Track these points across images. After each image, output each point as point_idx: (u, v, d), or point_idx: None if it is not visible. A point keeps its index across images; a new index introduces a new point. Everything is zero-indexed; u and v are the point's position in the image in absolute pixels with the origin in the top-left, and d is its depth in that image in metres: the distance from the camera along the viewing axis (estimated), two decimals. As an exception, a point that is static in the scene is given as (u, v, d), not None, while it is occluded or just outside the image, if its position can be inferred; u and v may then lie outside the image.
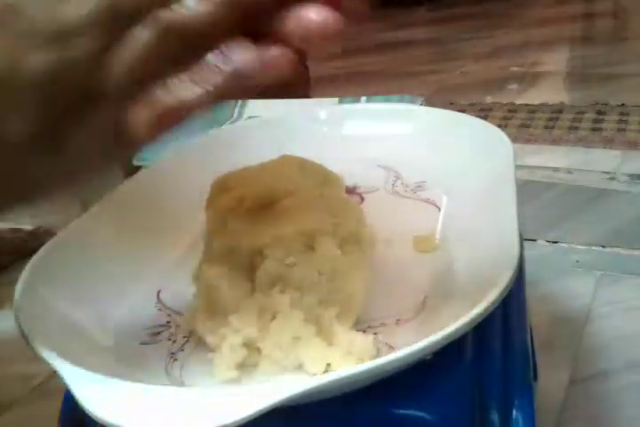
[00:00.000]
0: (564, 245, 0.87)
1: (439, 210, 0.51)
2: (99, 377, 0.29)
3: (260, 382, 0.36)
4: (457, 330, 0.30)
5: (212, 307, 0.39)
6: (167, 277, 0.45)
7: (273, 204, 0.43)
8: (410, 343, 0.29)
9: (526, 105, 1.22)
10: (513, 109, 1.20)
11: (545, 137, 1.03)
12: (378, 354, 0.36)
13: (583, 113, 1.15)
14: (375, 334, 0.38)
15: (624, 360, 0.67)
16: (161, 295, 0.43)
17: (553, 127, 1.08)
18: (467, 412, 0.34)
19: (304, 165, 0.48)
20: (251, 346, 0.37)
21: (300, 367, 0.36)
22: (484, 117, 1.12)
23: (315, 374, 0.35)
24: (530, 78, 1.47)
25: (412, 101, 0.99)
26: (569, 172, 0.89)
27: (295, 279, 0.38)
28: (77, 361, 0.30)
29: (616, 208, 0.84)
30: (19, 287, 0.37)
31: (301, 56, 0.26)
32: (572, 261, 0.86)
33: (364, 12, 0.27)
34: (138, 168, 0.52)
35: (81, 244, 0.43)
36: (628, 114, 1.12)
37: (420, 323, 0.38)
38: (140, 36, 0.25)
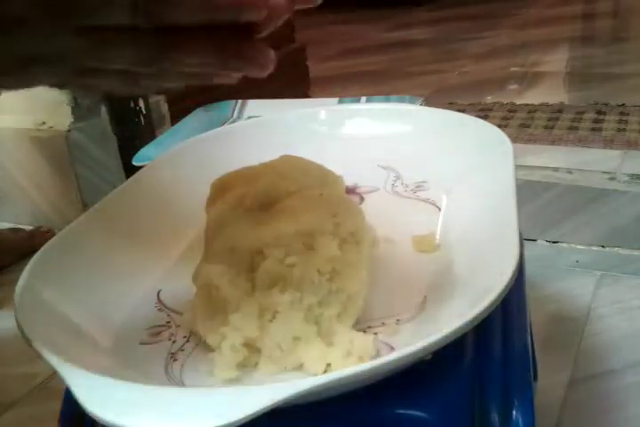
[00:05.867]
0: (564, 245, 0.87)
1: (439, 210, 0.51)
2: (99, 377, 0.29)
3: (260, 382, 0.36)
4: (457, 330, 0.30)
5: (212, 307, 0.39)
6: (167, 277, 0.45)
7: (273, 204, 0.43)
8: (410, 343, 0.29)
9: (526, 105, 1.22)
10: (513, 109, 1.20)
11: (545, 137, 1.03)
12: (378, 354, 0.36)
13: (583, 113, 1.14)
14: (375, 334, 0.38)
15: (624, 360, 0.67)
16: (161, 295, 0.43)
17: (553, 127, 1.08)
18: (467, 412, 0.34)
19: (304, 165, 0.48)
20: (251, 346, 0.37)
21: (299, 367, 0.36)
22: (484, 117, 1.12)
23: (315, 374, 0.35)
24: (530, 78, 1.47)
25: (412, 101, 0.99)
26: (569, 172, 0.89)
27: (295, 279, 0.38)
28: (77, 361, 0.30)
29: (616, 208, 0.84)
30: (19, 287, 0.37)
31: None
32: (571, 261, 0.86)
33: None
34: (138, 168, 0.52)
35: (81, 244, 0.43)
36: (628, 114, 1.12)
37: (420, 323, 0.38)
38: None
